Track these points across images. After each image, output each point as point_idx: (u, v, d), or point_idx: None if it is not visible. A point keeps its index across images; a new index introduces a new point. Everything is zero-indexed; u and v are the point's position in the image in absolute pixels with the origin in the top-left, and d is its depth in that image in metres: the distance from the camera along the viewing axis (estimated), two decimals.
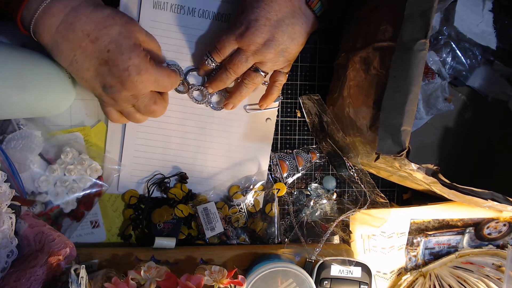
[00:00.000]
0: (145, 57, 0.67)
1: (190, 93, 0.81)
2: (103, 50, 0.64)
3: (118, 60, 0.64)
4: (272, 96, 0.80)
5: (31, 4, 0.61)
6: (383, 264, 0.87)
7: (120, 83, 0.66)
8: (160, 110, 0.73)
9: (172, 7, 0.79)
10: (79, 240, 0.81)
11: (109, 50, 0.64)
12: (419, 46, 0.55)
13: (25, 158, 0.73)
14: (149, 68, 0.67)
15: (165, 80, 0.71)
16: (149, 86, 0.69)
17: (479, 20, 0.81)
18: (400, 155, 0.58)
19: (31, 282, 0.59)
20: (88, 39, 0.63)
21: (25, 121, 0.75)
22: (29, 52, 0.68)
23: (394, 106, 0.57)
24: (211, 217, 0.82)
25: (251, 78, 0.76)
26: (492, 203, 0.64)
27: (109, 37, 0.64)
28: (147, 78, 0.67)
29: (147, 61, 0.67)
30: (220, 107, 0.82)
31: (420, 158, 0.90)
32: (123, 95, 0.68)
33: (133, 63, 0.65)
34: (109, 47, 0.64)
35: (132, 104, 0.71)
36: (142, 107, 0.71)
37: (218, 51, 0.73)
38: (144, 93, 0.69)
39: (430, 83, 0.84)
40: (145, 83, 0.67)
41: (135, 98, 0.69)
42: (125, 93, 0.67)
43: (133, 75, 0.65)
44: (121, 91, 0.67)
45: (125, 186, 0.83)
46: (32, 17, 0.61)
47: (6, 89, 0.62)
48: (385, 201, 0.82)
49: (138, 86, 0.66)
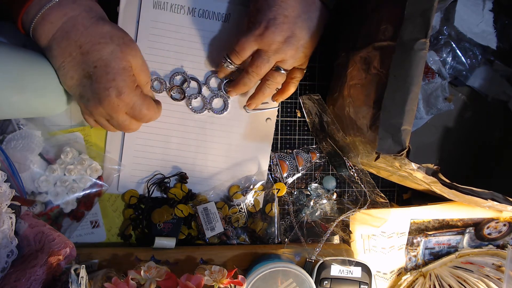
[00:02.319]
0: (131, 83, 0.67)
1: (189, 103, 0.82)
2: (91, 65, 0.64)
3: (102, 78, 0.64)
4: (288, 92, 0.80)
5: (30, 9, 0.62)
6: (383, 264, 0.87)
7: (98, 100, 0.66)
8: (134, 128, 0.73)
9: (172, 7, 0.79)
10: (79, 240, 0.81)
11: (96, 66, 0.64)
12: (419, 45, 0.55)
13: (25, 158, 0.73)
14: (130, 94, 0.67)
15: (142, 111, 0.70)
16: (124, 110, 0.68)
17: (479, 20, 0.81)
18: (400, 155, 0.58)
19: (31, 282, 0.59)
20: (79, 50, 0.64)
21: (25, 121, 0.75)
22: (29, 52, 0.68)
23: (394, 106, 0.57)
24: (211, 217, 0.82)
25: (274, 77, 0.76)
26: (492, 203, 0.64)
27: (99, 53, 0.64)
28: (126, 103, 0.67)
29: (131, 87, 0.67)
30: (222, 111, 0.83)
31: (420, 157, 0.90)
32: (99, 111, 0.68)
33: (115, 85, 0.65)
34: (97, 63, 0.64)
35: (106, 119, 0.71)
36: (115, 124, 0.71)
37: (237, 54, 0.73)
38: (119, 114, 0.69)
39: (430, 82, 0.84)
40: (122, 106, 0.67)
41: (110, 116, 0.69)
42: (101, 109, 0.67)
43: (112, 96, 0.65)
44: (97, 107, 0.67)
45: (125, 186, 0.83)
46: (31, 22, 0.62)
47: (6, 89, 0.62)
48: (385, 201, 0.82)
49: (114, 107, 0.66)
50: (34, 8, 0.62)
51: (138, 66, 0.69)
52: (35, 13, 0.62)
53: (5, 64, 0.62)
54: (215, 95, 0.82)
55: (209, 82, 0.82)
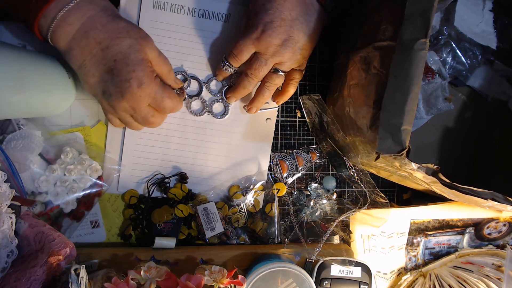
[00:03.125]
0: (150, 73, 0.68)
1: (189, 106, 0.82)
2: (110, 59, 0.65)
3: (122, 71, 0.65)
4: (288, 94, 0.81)
5: (48, 13, 0.62)
6: (383, 264, 0.87)
7: (120, 93, 0.66)
8: (158, 122, 0.74)
9: (172, 7, 0.79)
10: (79, 240, 0.81)
11: (115, 60, 0.65)
12: (419, 45, 0.55)
13: (25, 158, 0.72)
14: (151, 83, 0.68)
15: (164, 100, 0.71)
16: (147, 101, 0.69)
17: (479, 20, 0.81)
18: (400, 155, 0.58)
19: (31, 282, 0.59)
20: (99, 47, 0.65)
21: (25, 121, 0.75)
22: (30, 52, 0.68)
23: (394, 106, 0.57)
24: (211, 217, 0.82)
25: (272, 79, 0.76)
26: (492, 203, 0.64)
27: (118, 47, 0.65)
28: (147, 93, 0.68)
29: (151, 77, 0.68)
30: (223, 115, 0.83)
31: (420, 157, 0.90)
32: (122, 105, 0.68)
33: (135, 76, 0.66)
34: (116, 57, 0.65)
35: (130, 114, 0.71)
36: (139, 118, 0.72)
37: (235, 57, 0.73)
38: (142, 106, 0.70)
39: (430, 82, 0.84)
40: (144, 97, 0.68)
41: (133, 109, 0.70)
42: (124, 103, 0.68)
43: (134, 87, 0.66)
44: (120, 101, 0.68)
45: (125, 186, 0.83)
46: (49, 26, 0.63)
47: (6, 89, 0.62)
48: (385, 201, 0.82)
49: (136, 99, 0.67)
50: (52, 12, 0.62)
51: (156, 58, 0.70)
52: (54, 17, 0.62)
53: (6, 64, 0.62)
54: (216, 99, 0.82)
55: (210, 84, 0.82)
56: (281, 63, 0.73)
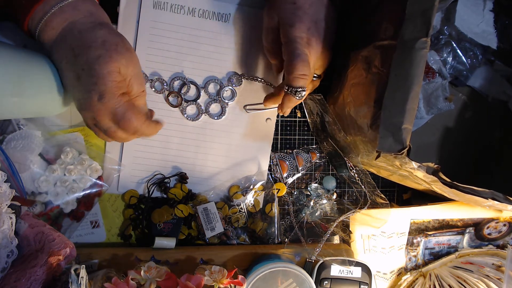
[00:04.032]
0: (115, 88, 0.64)
1: (183, 111, 0.82)
2: (79, 67, 0.64)
3: (87, 81, 0.64)
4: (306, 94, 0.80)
5: (35, 16, 0.63)
6: (383, 264, 0.87)
7: (83, 101, 0.65)
8: (123, 138, 0.70)
9: (172, 7, 0.79)
10: (79, 240, 0.81)
11: (83, 69, 0.64)
12: (420, 44, 0.55)
13: (25, 158, 0.72)
14: (111, 99, 0.64)
15: (126, 119, 0.66)
16: (107, 116, 0.66)
17: (480, 20, 0.81)
18: (401, 154, 0.58)
19: (31, 282, 0.59)
20: (72, 53, 0.64)
21: (25, 121, 0.75)
22: (30, 52, 0.68)
23: (395, 105, 0.57)
24: (211, 217, 0.82)
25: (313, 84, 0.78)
26: (493, 202, 0.64)
27: (86, 57, 0.63)
28: (107, 108, 0.64)
29: (114, 93, 0.64)
30: (220, 116, 0.83)
31: (421, 157, 0.89)
32: (86, 113, 0.66)
33: (97, 89, 0.63)
34: (84, 66, 0.63)
35: (94, 124, 0.68)
36: (102, 130, 0.68)
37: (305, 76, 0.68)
38: (102, 119, 0.66)
39: (431, 82, 0.84)
40: (103, 111, 0.65)
41: (96, 120, 0.66)
42: (85, 112, 0.66)
43: (94, 100, 0.63)
44: (83, 110, 0.66)
45: (125, 186, 0.83)
46: (36, 28, 0.64)
47: (6, 89, 0.62)
48: (385, 202, 0.82)
49: (95, 112, 0.65)
50: (37, 15, 0.63)
51: (129, 76, 0.67)
52: (39, 20, 0.63)
53: (5, 64, 0.62)
54: (213, 100, 0.82)
55: (207, 87, 0.82)
56: (319, 67, 0.73)
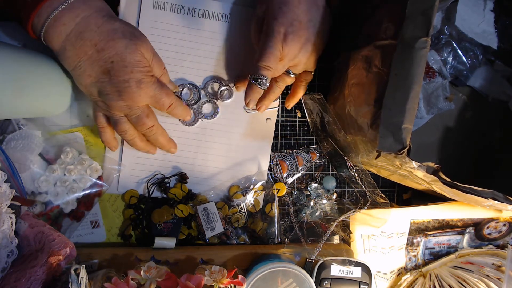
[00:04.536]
0: (148, 72, 0.69)
1: None
2: (107, 61, 0.65)
3: (120, 72, 0.66)
4: (298, 96, 0.82)
5: (42, 12, 0.62)
6: (383, 264, 0.87)
7: (118, 93, 0.67)
8: (149, 124, 0.73)
9: (172, 7, 0.79)
10: (79, 240, 0.81)
11: (113, 61, 0.65)
12: (421, 44, 0.55)
13: (25, 158, 0.72)
14: (149, 83, 0.68)
15: (163, 98, 0.71)
16: (145, 100, 0.70)
17: (480, 20, 0.81)
18: (401, 153, 0.58)
19: (31, 282, 0.59)
20: (94, 48, 0.65)
21: (25, 121, 0.75)
22: (30, 52, 0.68)
23: (395, 104, 0.57)
24: (211, 217, 0.81)
25: (284, 80, 0.76)
26: (493, 202, 0.64)
27: (114, 49, 0.65)
28: (146, 92, 0.69)
29: (149, 76, 0.69)
30: (212, 116, 0.83)
31: (421, 157, 0.90)
32: (118, 104, 0.68)
33: (134, 76, 0.66)
34: (114, 58, 0.65)
35: (124, 113, 0.71)
36: (133, 117, 0.72)
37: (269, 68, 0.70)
38: (139, 105, 0.70)
39: (431, 82, 0.84)
40: (143, 96, 0.69)
41: (129, 108, 0.70)
42: (121, 102, 0.68)
43: (133, 87, 0.67)
44: (117, 100, 0.68)
45: (125, 186, 0.83)
46: (42, 25, 0.63)
47: (6, 89, 0.62)
48: (385, 202, 0.82)
49: (135, 98, 0.68)
50: (45, 11, 0.62)
51: (150, 57, 0.70)
52: (47, 16, 0.62)
53: (5, 64, 0.62)
54: (211, 100, 0.82)
55: (207, 88, 0.82)
56: (295, 66, 0.73)
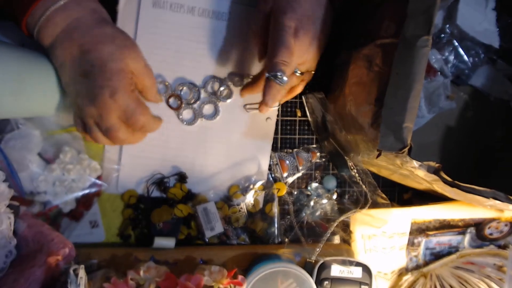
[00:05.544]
0: (127, 84, 0.65)
1: (180, 114, 0.81)
2: (89, 63, 0.64)
3: (98, 77, 0.63)
4: (295, 94, 0.81)
5: (35, 12, 0.62)
6: (384, 264, 0.87)
7: (91, 97, 0.64)
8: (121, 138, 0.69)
9: (172, 6, 0.78)
10: (78, 240, 0.80)
11: (93, 65, 0.63)
12: (422, 42, 0.55)
13: (24, 157, 0.72)
14: (124, 95, 0.65)
15: (135, 115, 0.67)
16: (116, 112, 0.66)
17: (482, 18, 0.81)
18: (402, 152, 0.58)
19: (29, 282, 0.59)
20: (80, 49, 0.64)
21: (24, 121, 0.74)
22: (28, 51, 0.68)
23: (396, 103, 0.57)
24: (211, 217, 0.81)
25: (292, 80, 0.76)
26: (494, 202, 0.64)
27: (99, 53, 0.64)
28: (118, 105, 0.65)
29: (126, 89, 0.65)
30: (214, 117, 0.83)
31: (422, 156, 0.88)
32: (90, 110, 0.65)
33: (110, 85, 0.63)
34: (95, 62, 0.63)
35: (95, 122, 0.67)
36: (103, 128, 0.67)
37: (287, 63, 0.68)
38: (110, 116, 0.66)
39: (432, 81, 0.84)
40: (114, 107, 0.65)
41: (100, 117, 0.66)
42: (92, 108, 0.65)
43: (105, 95, 0.63)
44: (89, 105, 0.65)
45: (125, 186, 0.82)
46: (35, 25, 0.63)
47: (5, 89, 0.61)
48: (386, 202, 0.82)
49: (106, 108, 0.64)
50: (39, 11, 0.62)
51: (139, 70, 0.68)
52: (40, 16, 0.62)
53: (4, 64, 0.62)
54: (211, 100, 0.82)
55: (207, 87, 0.82)
56: (303, 63, 0.72)
